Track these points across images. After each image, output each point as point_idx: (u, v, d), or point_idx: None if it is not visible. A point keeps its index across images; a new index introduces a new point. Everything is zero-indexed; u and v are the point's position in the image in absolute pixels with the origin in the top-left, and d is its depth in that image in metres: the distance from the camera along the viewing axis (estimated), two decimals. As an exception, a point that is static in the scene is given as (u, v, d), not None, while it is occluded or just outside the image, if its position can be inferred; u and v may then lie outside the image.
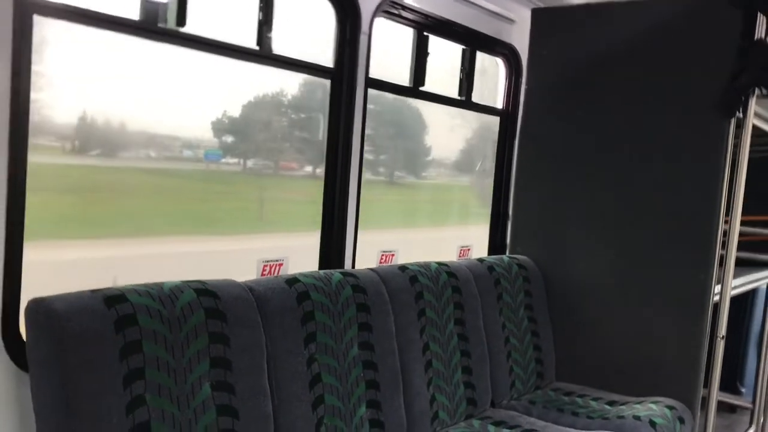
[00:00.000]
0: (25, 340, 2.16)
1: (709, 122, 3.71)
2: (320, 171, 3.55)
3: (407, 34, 3.93)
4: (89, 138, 3.04)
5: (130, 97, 3.02)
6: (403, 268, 3.41)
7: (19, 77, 2.22)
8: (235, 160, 3.96)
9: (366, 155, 3.61)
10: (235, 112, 3.68)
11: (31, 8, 2.26)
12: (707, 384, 3.81)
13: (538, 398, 3.86)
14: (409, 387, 3.18)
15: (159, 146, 3.42)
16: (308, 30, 3.51)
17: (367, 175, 3.69)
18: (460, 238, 4.75)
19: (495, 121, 4.69)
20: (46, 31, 2.39)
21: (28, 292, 2.25)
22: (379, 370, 3.02)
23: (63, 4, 2.39)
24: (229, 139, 3.77)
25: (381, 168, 5.06)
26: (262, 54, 3.09)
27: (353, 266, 3.56)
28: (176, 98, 3.22)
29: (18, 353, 2.25)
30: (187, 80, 3.16)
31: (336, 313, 2.89)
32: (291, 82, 3.64)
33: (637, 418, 3.47)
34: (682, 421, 3.62)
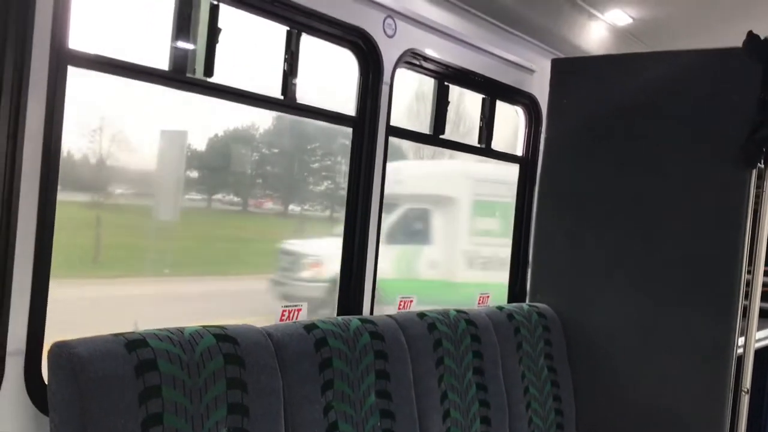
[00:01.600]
0: (46, 382, 2.19)
1: (731, 172, 3.70)
2: (293, 208, 3.56)
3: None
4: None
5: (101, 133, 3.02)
6: (421, 315, 3.40)
7: (52, 125, 2.30)
8: (200, 197, 3.93)
9: (342, 193, 3.62)
10: (200, 145, 3.67)
11: (66, 60, 2.34)
12: None
13: (558, 450, 3.79)
14: None
15: (131, 183, 3.42)
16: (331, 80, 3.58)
17: (340, 213, 3.72)
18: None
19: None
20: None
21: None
22: (397, 419, 3.00)
23: (96, 56, 2.48)
24: (193, 174, 3.75)
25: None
26: (287, 103, 3.16)
27: (371, 313, 3.57)
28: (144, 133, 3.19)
29: (39, 396, 2.28)
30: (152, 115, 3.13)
31: (354, 360, 2.88)
32: (264, 116, 3.61)
33: (659, 473, 3.40)
34: None
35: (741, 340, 3.75)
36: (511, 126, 4.62)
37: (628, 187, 4.06)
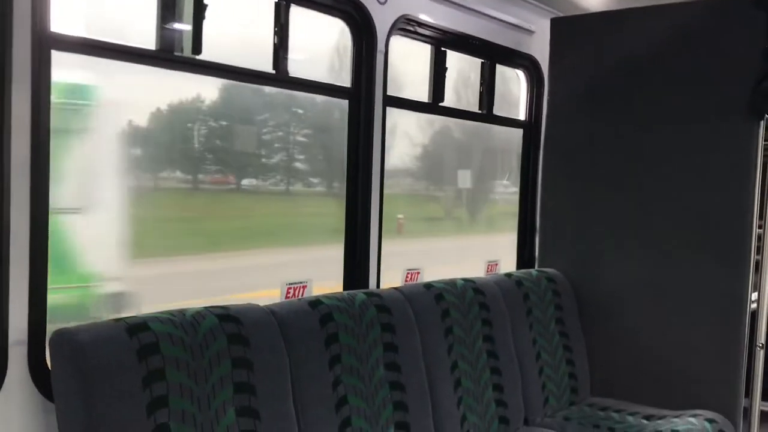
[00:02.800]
0: (50, 370, 2.19)
1: (738, 125, 3.63)
2: (247, 183, 3.46)
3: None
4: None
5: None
6: (428, 286, 3.37)
7: (39, 111, 2.26)
8: (147, 175, 3.81)
9: (298, 165, 3.53)
10: (142, 121, 3.54)
11: (49, 43, 2.30)
12: (748, 394, 3.68)
13: (573, 414, 3.77)
14: (438, 407, 3.13)
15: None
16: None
17: (297, 186, 3.61)
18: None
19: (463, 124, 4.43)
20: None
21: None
22: (407, 390, 2.98)
23: (80, 38, 2.43)
24: (136, 151, 3.63)
25: (316, 179, 4.75)
26: (279, 78, 3.11)
27: (378, 286, 3.54)
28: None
29: (44, 383, 2.27)
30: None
31: (360, 334, 2.86)
32: (209, 88, 3.47)
33: (676, 432, 3.38)
34: None
35: (754, 296, 3.70)
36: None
37: (634, 144, 3.99)
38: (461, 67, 3.97)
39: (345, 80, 3.43)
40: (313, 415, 2.62)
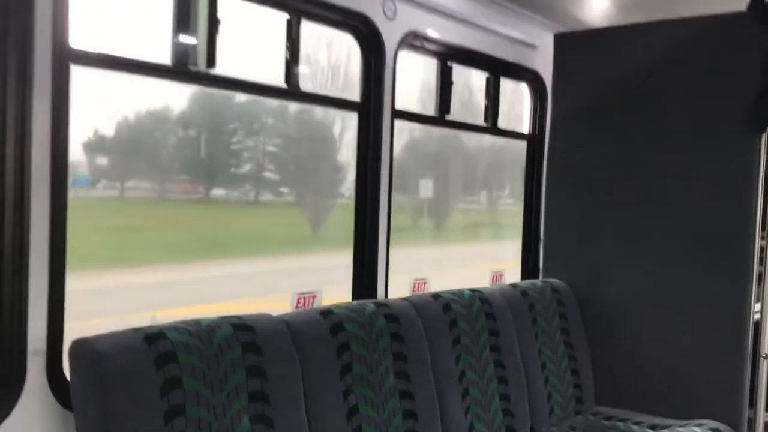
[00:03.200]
0: (68, 379, 2.22)
1: (740, 138, 3.68)
2: (216, 193, 3.46)
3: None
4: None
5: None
6: (436, 296, 3.41)
7: (59, 125, 2.31)
8: (114, 185, 3.74)
9: (269, 175, 3.53)
10: (109, 130, 3.49)
11: (68, 58, 2.35)
12: (752, 404, 3.71)
13: (578, 424, 3.80)
14: (447, 416, 3.17)
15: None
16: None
17: (267, 196, 3.58)
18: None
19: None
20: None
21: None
22: (416, 399, 3.02)
23: (98, 54, 2.48)
24: (102, 161, 3.57)
25: (285, 189, 4.69)
26: (291, 91, 3.16)
27: (386, 295, 3.58)
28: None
29: (62, 393, 2.31)
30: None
31: (370, 344, 2.90)
32: (179, 96, 3.44)
33: (681, 441, 3.40)
34: None
35: (757, 306, 3.73)
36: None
37: (637, 158, 4.05)
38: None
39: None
40: (324, 424, 2.66)
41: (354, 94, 3.47)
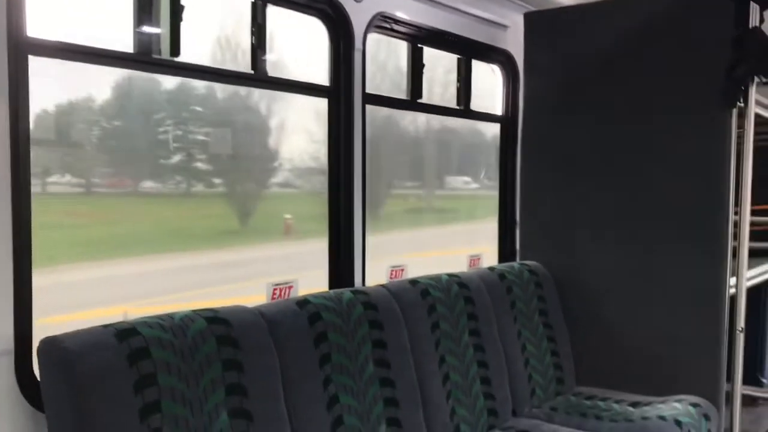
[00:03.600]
0: (39, 379, 2.15)
1: (711, 114, 3.69)
2: (149, 186, 3.33)
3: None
4: None
5: None
6: (413, 282, 3.38)
7: (17, 117, 2.23)
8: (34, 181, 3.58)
9: (201, 166, 3.43)
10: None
11: (25, 49, 2.26)
12: (730, 378, 3.75)
13: (560, 404, 3.81)
14: (428, 402, 3.15)
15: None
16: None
17: (199, 188, 3.46)
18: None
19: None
20: None
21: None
22: (397, 386, 2.99)
23: (58, 42, 2.40)
24: None
25: (217, 179, 4.54)
26: (258, 77, 3.10)
27: (363, 283, 3.54)
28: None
29: (33, 393, 2.24)
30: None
31: (349, 332, 2.87)
32: (103, 84, 3.31)
33: (662, 418, 3.42)
34: (707, 418, 3.57)
35: (732, 281, 3.77)
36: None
37: (610, 136, 4.05)
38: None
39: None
40: (305, 415, 2.62)
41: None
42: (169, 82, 3.19)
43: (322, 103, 3.38)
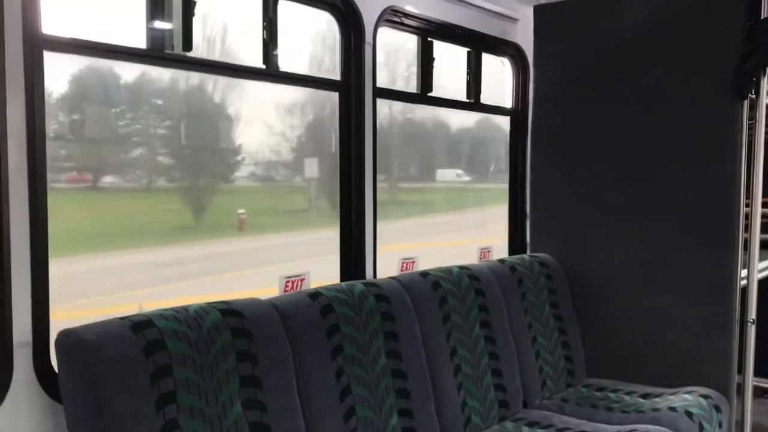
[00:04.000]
0: (56, 371, 2.19)
1: (723, 105, 3.68)
2: (107, 180, 3.27)
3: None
4: None
5: None
6: (424, 274, 3.40)
7: (33, 114, 2.26)
8: None
9: (162, 160, 3.37)
10: None
11: (41, 45, 2.29)
12: (741, 370, 3.75)
13: (571, 396, 3.83)
14: (440, 393, 3.17)
15: None
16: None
17: (161, 182, 3.39)
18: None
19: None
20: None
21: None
22: (409, 378, 3.02)
23: (72, 39, 2.43)
24: None
25: (176, 173, 4.40)
26: (269, 72, 3.12)
27: (375, 276, 3.57)
28: None
29: (51, 385, 2.28)
30: None
31: (361, 324, 2.89)
32: (59, 76, 3.22)
33: (672, 409, 3.43)
34: (718, 409, 3.57)
35: (743, 272, 3.76)
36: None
37: (620, 128, 4.04)
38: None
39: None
40: (317, 406, 2.65)
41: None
42: (128, 73, 3.14)
43: (283, 96, 3.35)
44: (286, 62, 3.14)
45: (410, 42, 3.84)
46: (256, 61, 3.09)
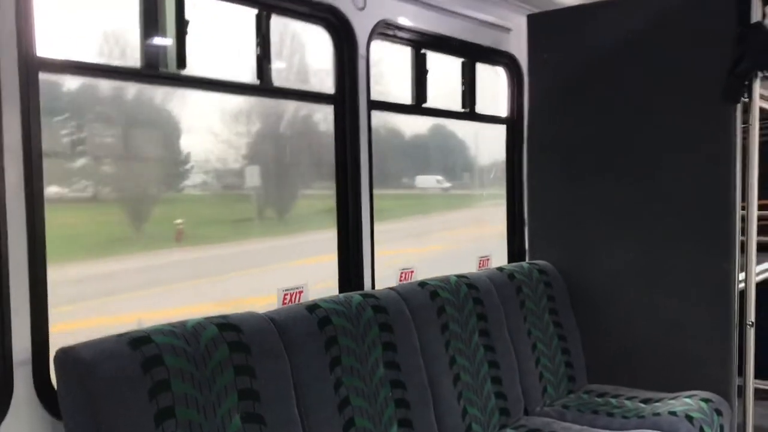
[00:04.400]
0: (56, 388, 2.21)
1: (716, 109, 3.70)
2: (51, 191, 3.22)
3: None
4: None
5: None
6: (422, 284, 3.42)
7: (30, 134, 2.29)
8: None
9: (107, 169, 3.33)
10: None
11: (36, 66, 2.33)
12: (741, 373, 3.75)
13: (572, 402, 3.83)
14: (439, 403, 3.18)
15: None
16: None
17: (105, 191, 3.31)
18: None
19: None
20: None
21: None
22: (408, 388, 3.03)
23: (67, 60, 2.46)
24: None
25: (118, 182, 4.30)
26: (264, 87, 3.15)
27: (373, 287, 3.58)
28: None
29: (51, 402, 2.30)
30: None
31: (359, 335, 2.90)
32: None
33: (673, 413, 3.44)
34: (719, 413, 3.57)
35: (741, 275, 3.77)
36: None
37: (616, 135, 4.07)
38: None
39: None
40: (316, 417, 2.66)
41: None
42: (71, 81, 3.10)
43: (229, 103, 3.31)
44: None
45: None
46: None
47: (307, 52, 3.53)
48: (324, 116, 3.48)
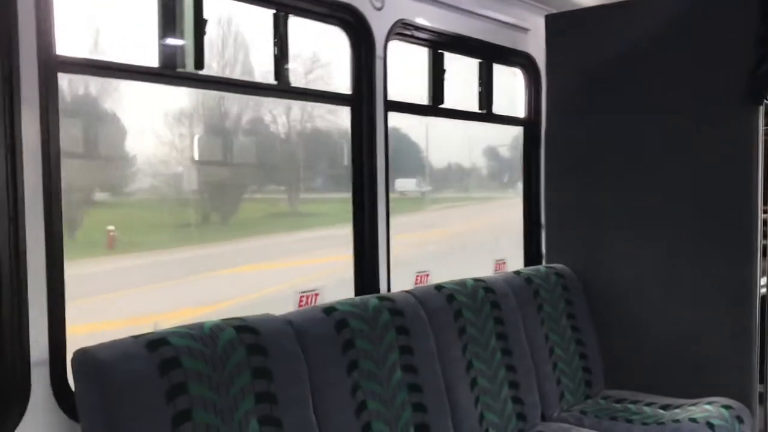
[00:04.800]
0: (73, 389, 2.20)
1: (738, 112, 3.65)
2: None
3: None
4: None
5: None
6: (439, 287, 3.39)
7: (48, 133, 2.28)
8: None
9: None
10: None
11: (55, 66, 2.32)
12: (763, 380, 3.70)
13: (589, 408, 3.79)
14: (457, 407, 3.15)
15: None
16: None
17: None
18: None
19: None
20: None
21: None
22: (425, 392, 3.00)
23: (85, 60, 2.46)
24: None
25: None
26: (281, 88, 3.13)
27: (389, 290, 3.56)
28: None
29: (68, 402, 2.29)
30: None
31: (376, 339, 2.88)
32: None
33: (693, 420, 3.38)
34: (740, 420, 3.51)
35: (763, 281, 3.72)
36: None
37: (634, 136, 4.02)
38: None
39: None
40: (333, 421, 2.64)
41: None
42: None
43: (173, 103, 3.23)
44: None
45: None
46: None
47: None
48: (273, 118, 3.40)
